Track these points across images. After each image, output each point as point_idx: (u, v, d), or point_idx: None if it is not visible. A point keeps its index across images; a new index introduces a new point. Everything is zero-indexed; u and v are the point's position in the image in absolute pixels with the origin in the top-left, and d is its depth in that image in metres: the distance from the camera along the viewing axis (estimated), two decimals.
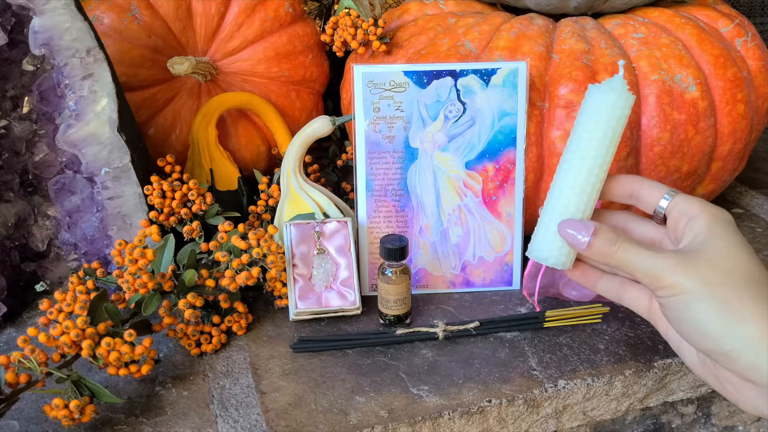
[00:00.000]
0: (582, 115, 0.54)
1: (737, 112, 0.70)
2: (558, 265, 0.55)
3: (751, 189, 0.90)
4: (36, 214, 0.70)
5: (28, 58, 0.66)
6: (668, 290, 0.48)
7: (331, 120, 0.71)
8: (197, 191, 0.68)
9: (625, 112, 0.53)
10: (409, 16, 0.80)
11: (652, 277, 0.49)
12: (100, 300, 0.57)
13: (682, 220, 0.51)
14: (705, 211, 0.50)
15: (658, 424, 0.66)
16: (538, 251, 0.56)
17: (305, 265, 0.66)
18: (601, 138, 0.53)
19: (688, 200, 0.52)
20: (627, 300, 0.56)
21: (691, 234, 0.50)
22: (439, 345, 0.63)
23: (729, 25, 0.74)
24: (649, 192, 0.54)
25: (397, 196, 0.67)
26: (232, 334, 0.65)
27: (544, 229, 0.55)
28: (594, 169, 0.53)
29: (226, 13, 0.78)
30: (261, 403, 0.57)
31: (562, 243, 0.54)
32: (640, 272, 0.50)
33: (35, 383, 0.53)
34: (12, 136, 0.67)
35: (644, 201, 0.55)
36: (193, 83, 0.79)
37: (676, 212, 0.52)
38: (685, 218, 0.51)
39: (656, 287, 0.49)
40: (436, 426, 0.56)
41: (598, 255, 0.51)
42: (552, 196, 0.55)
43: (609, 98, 0.53)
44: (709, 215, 0.50)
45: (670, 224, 0.53)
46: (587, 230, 0.51)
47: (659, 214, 0.54)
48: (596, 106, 0.53)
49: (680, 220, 0.52)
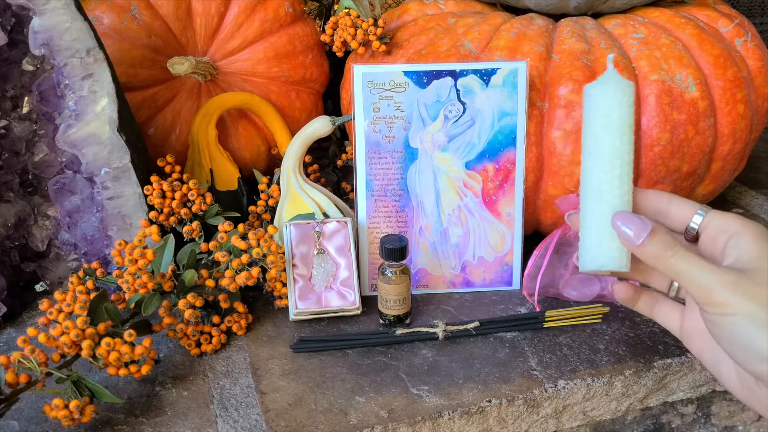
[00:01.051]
0: (588, 115, 0.53)
1: (737, 112, 0.70)
2: (620, 268, 0.53)
3: (751, 189, 0.90)
4: (36, 214, 0.70)
5: (28, 58, 0.66)
6: (720, 308, 0.46)
7: (331, 120, 0.71)
8: (197, 191, 0.68)
9: (628, 98, 0.52)
10: (409, 16, 0.80)
11: (705, 292, 0.47)
12: (100, 300, 0.57)
13: (721, 237, 0.50)
14: (748, 229, 0.49)
15: (658, 424, 0.66)
16: (596, 259, 0.53)
17: (305, 265, 0.66)
18: (617, 127, 0.52)
19: (724, 216, 0.51)
20: (659, 316, 0.55)
21: (737, 252, 0.48)
22: (439, 345, 0.63)
23: (729, 25, 0.74)
24: (680, 208, 0.53)
25: (397, 196, 0.67)
26: (232, 334, 0.65)
27: (597, 234, 0.52)
28: (622, 158, 0.52)
29: (226, 13, 0.78)
30: (261, 403, 0.57)
31: (620, 244, 0.52)
32: (693, 284, 0.48)
33: (35, 383, 0.53)
34: (12, 136, 0.67)
35: (674, 217, 0.53)
36: (193, 83, 0.79)
37: (712, 229, 0.51)
38: (724, 236, 0.50)
39: (707, 303, 0.47)
40: (436, 426, 0.56)
41: (650, 257, 0.49)
42: (589, 199, 0.53)
43: (607, 89, 0.52)
44: (754, 233, 0.49)
45: (706, 241, 0.51)
46: (644, 229, 0.49)
47: (691, 231, 0.52)
48: (599, 99, 0.52)
49: (718, 237, 0.50)
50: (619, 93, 0.52)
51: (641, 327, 0.65)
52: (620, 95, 0.52)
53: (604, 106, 0.52)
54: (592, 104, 0.53)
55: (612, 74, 0.53)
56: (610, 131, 0.52)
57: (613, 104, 0.52)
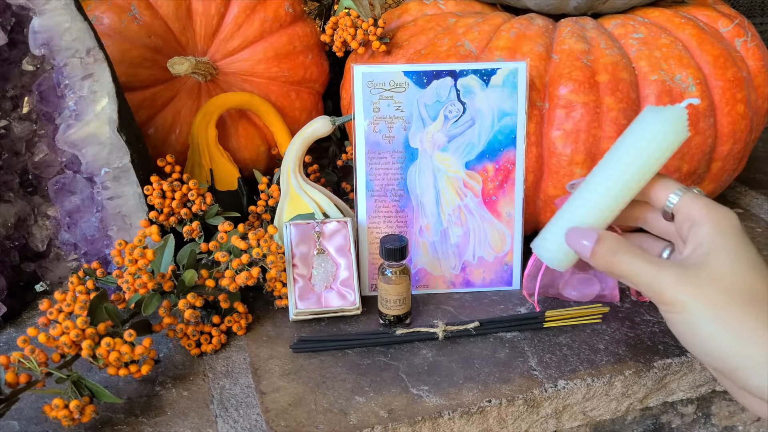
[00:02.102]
0: (631, 135, 0.53)
1: (737, 112, 0.70)
2: (559, 268, 0.56)
3: (751, 189, 0.90)
4: (36, 214, 0.70)
5: (28, 58, 0.66)
6: (670, 307, 0.46)
7: (331, 120, 0.71)
8: (197, 191, 0.68)
9: (675, 147, 0.52)
10: (409, 17, 0.80)
11: (653, 292, 0.47)
12: (100, 300, 0.57)
13: (685, 224, 0.50)
14: (709, 218, 0.48)
15: (658, 424, 0.66)
16: (543, 249, 0.56)
17: (305, 265, 0.66)
18: (642, 166, 0.52)
19: (693, 202, 0.50)
20: None
21: (694, 243, 0.48)
22: (439, 345, 0.63)
23: (729, 25, 0.74)
24: (660, 189, 0.52)
25: (397, 196, 0.67)
26: (232, 334, 0.65)
27: (558, 231, 0.55)
28: (625, 192, 0.53)
29: (225, 13, 0.78)
30: (261, 403, 0.57)
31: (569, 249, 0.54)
32: (641, 285, 0.48)
33: (35, 383, 0.53)
34: (12, 136, 0.67)
35: (655, 198, 0.53)
36: (193, 83, 0.79)
37: (681, 215, 0.50)
38: (687, 223, 0.49)
39: (658, 302, 0.47)
40: (436, 426, 0.56)
41: (602, 264, 0.50)
42: (575, 203, 0.55)
43: (664, 131, 0.51)
44: (713, 223, 0.48)
45: (677, 226, 0.51)
46: (591, 238, 0.50)
47: (668, 213, 0.52)
48: (649, 132, 0.52)
49: (684, 223, 0.50)
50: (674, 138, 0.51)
51: (641, 327, 0.65)
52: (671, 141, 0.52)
53: (646, 140, 0.52)
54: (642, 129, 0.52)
55: (680, 118, 0.52)
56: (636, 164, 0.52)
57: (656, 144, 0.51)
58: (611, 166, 0.53)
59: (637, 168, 0.52)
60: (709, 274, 0.46)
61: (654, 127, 0.52)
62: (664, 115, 0.52)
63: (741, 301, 0.45)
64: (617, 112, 0.66)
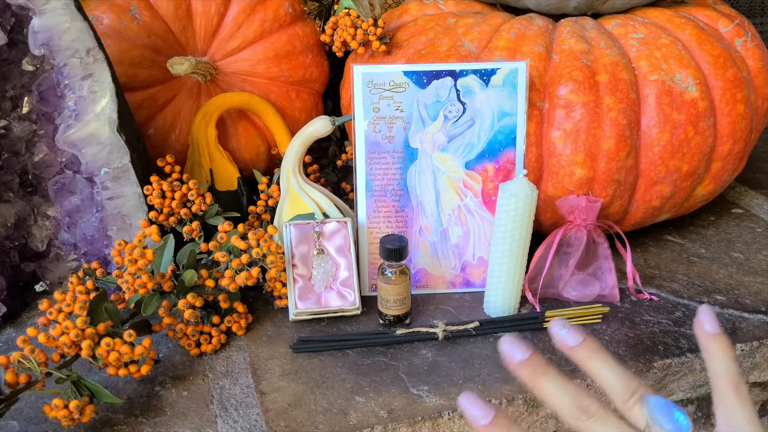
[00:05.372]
0: (499, 208, 0.62)
1: (737, 112, 0.70)
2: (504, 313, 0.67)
3: (751, 189, 0.90)
4: (36, 214, 0.70)
5: (27, 58, 0.66)
6: None
7: (331, 120, 0.71)
8: (197, 191, 0.68)
9: (528, 208, 0.62)
10: (409, 17, 0.80)
11: None
12: (99, 300, 0.56)
13: None
14: None
15: None
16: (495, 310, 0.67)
17: (305, 266, 0.66)
18: (514, 228, 0.62)
19: None
20: None
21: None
22: (439, 345, 0.63)
23: (729, 25, 0.74)
24: None
25: (397, 197, 0.67)
26: (231, 335, 0.65)
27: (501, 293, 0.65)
28: (518, 249, 0.63)
29: (225, 13, 0.78)
30: (261, 403, 0.57)
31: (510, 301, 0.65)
32: None
33: (35, 383, 0.53)
34: (12, 136, 0.67)
35: None
36: (193, 83, 0.79)
37: None
38: None
39: None
40: (436, 426, 0.56)
41: None
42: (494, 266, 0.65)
43: (511, 202, 0.61)
44: None
45: None
46: (489, 412, 0.41)
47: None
48: (505, 203, 0.62)
49: None
50: (523, 203, 0.61)
51: (641, 327, 0.65)
52: (522, 205, 0.61)
53: (505, 210, 0.62)
54: (501, 203, 0.62)
55: (519, 186, 0.62)
56: (510, 230, 0.62)
57: (514, 211, 0.62)
58: (501, 237, 0.63)
59: (514, 230, 0.62)
60: None
61: (506, 197, 0.62)
62: (510, 188, 0.62)
63: None
64: (617, 112, 0.66)
